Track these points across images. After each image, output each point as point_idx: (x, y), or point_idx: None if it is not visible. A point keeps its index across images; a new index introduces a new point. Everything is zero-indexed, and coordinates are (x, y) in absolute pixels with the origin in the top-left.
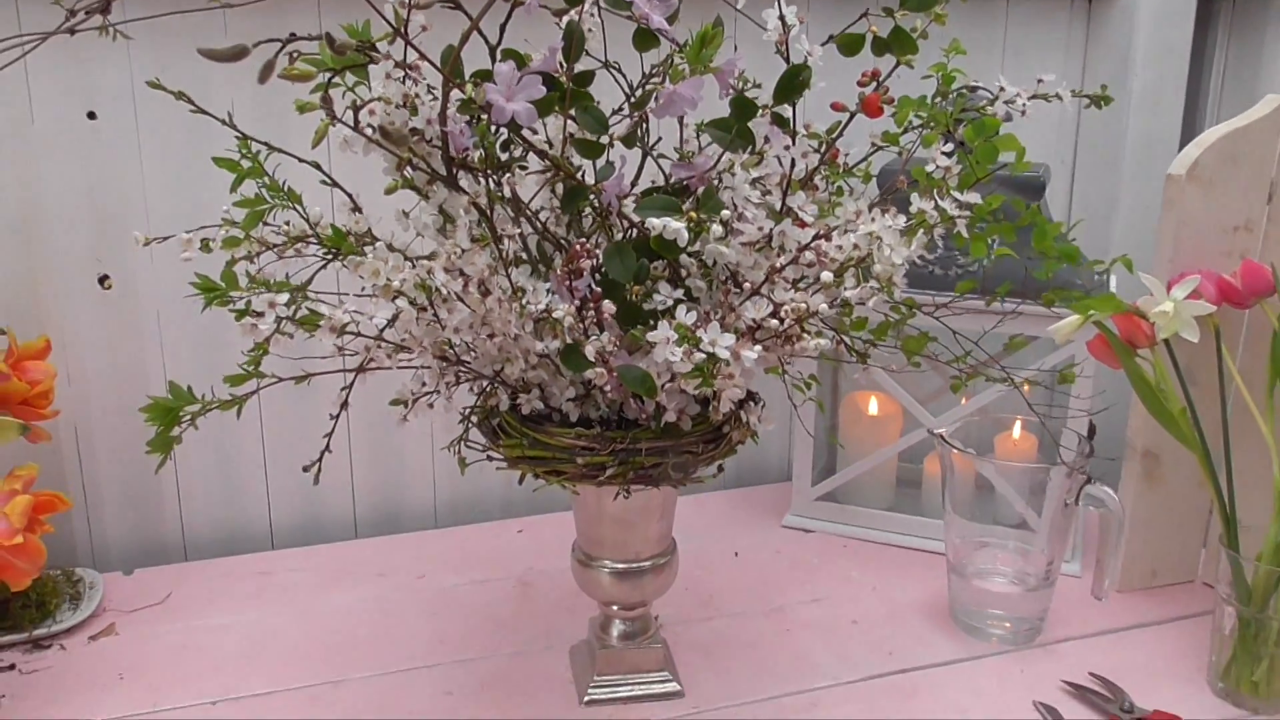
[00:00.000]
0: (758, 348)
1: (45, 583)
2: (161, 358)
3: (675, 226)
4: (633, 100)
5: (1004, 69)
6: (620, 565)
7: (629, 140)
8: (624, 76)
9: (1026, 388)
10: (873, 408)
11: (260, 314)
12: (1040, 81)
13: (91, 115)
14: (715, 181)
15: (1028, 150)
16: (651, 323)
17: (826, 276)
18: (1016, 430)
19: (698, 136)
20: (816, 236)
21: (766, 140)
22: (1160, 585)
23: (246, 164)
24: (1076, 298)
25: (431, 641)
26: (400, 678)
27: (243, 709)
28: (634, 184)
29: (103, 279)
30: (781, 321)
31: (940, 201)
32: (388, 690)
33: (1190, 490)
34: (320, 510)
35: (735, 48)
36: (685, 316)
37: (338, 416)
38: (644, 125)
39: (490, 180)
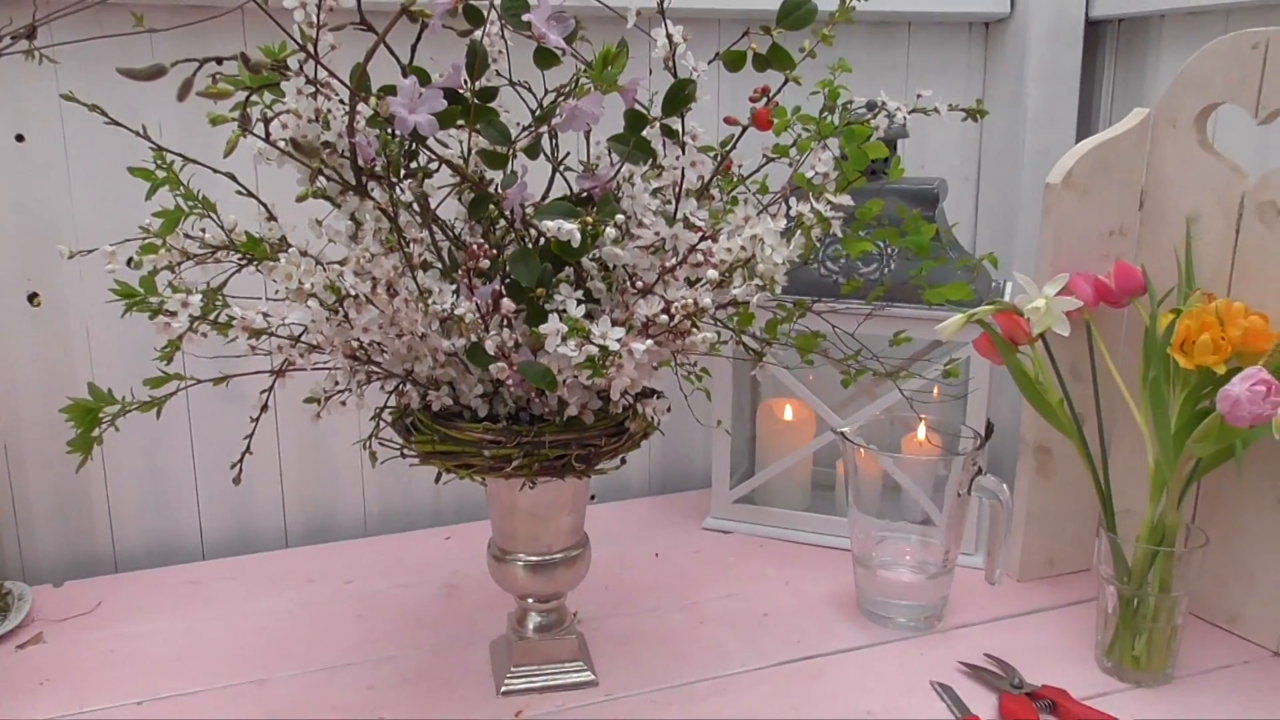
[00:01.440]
0: (649, 341)
1: None
2: (91, 372)
3: (569, 228)
4: (537, 115)
5: (907, 90)
6: (534, 558)
7: (531, 151)
8: (533, 95)
9: (936, 392)
10: (787, 414)
11: (173, 313)
12: (919, 96)
13: (19, 138)
14: (615, 190)
15: (933, 165)
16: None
17: (712, 275)
18: (921, 431)
19: (609, 153)
20: (703, 238)
21: (665, 153)
22: (1057, 574)
23: (162, 174)
24: (938, 292)
25: (356, 641)
26: (324, 675)
27: (168, 708)
28: (544, 196)
29: (32, 297)
30: (672, 318)
31: (815, 204)
32: (311, 687)
33: (1082, 482)
34: (251, 521)
35: (650, 71)
36: (576, 311)
37: (258, 419)
38: (553, 141)
39: (395, 188)
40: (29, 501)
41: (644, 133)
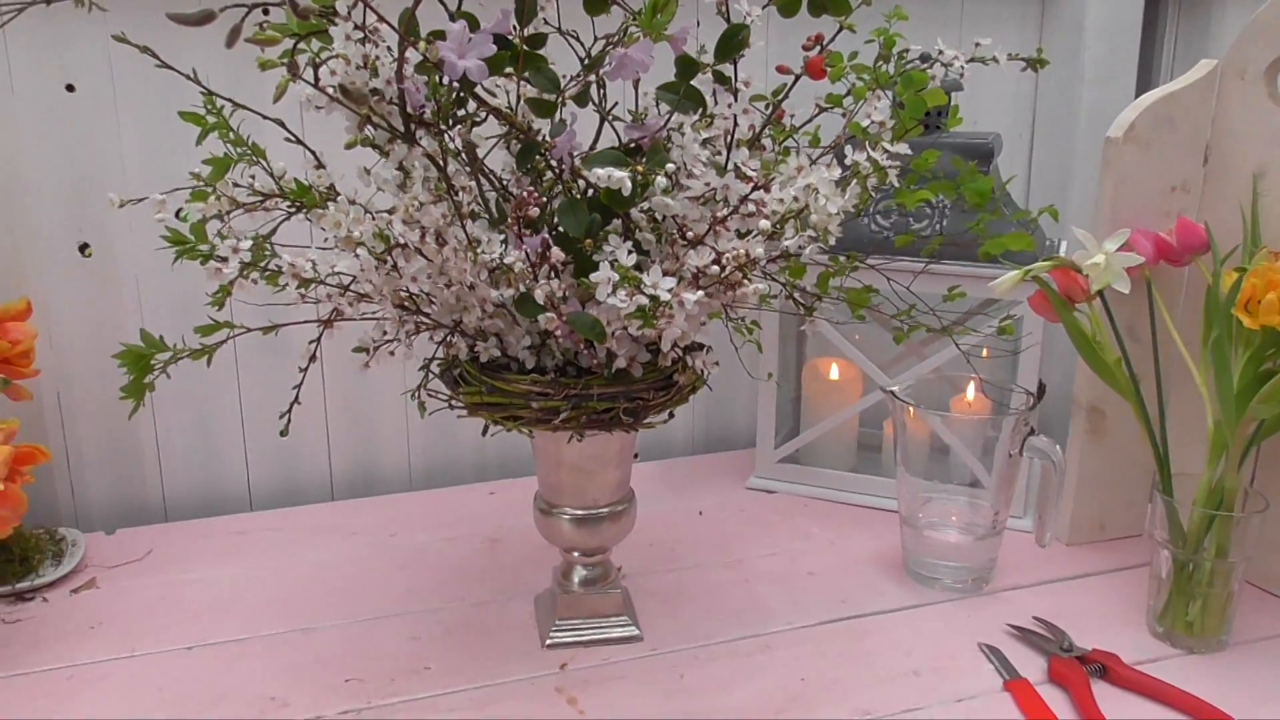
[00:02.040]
0: (700, 292)
1: (29, 540)
2: (141, 321)
3: (619, 176)
4: (585, 63)
5: (961, 43)
6: (579, 512)
7: (581, 99)
8: (581, 43)
9: (985, 354)
10: (834, 373)
11: (224, 259)
12: (977, 45)
13: (70, 88)
14: (664, 140)
15: (985, 123)
16: None
17: (764, 225)
18: (970, 392)
19: (656, 105)
20: (755, 188)
21: (716, 103)
22: (1108, 538)
23: (212, 119)
24: (997, 242)
25: (400, 593)
26: (368, 625)
27: (216, 654)
28: (593, 147)
29: (83, 247)
30: (723, 269)
31: (872, 153)
32: (356, 636)
33: (1135, 445)
34: (297, 473)
35: (698, 22)
36: (627, 259)
37: (306, 369)
38: (601, 90)
39: (444, 135)
40: (81, 451)
41: (694, 81)
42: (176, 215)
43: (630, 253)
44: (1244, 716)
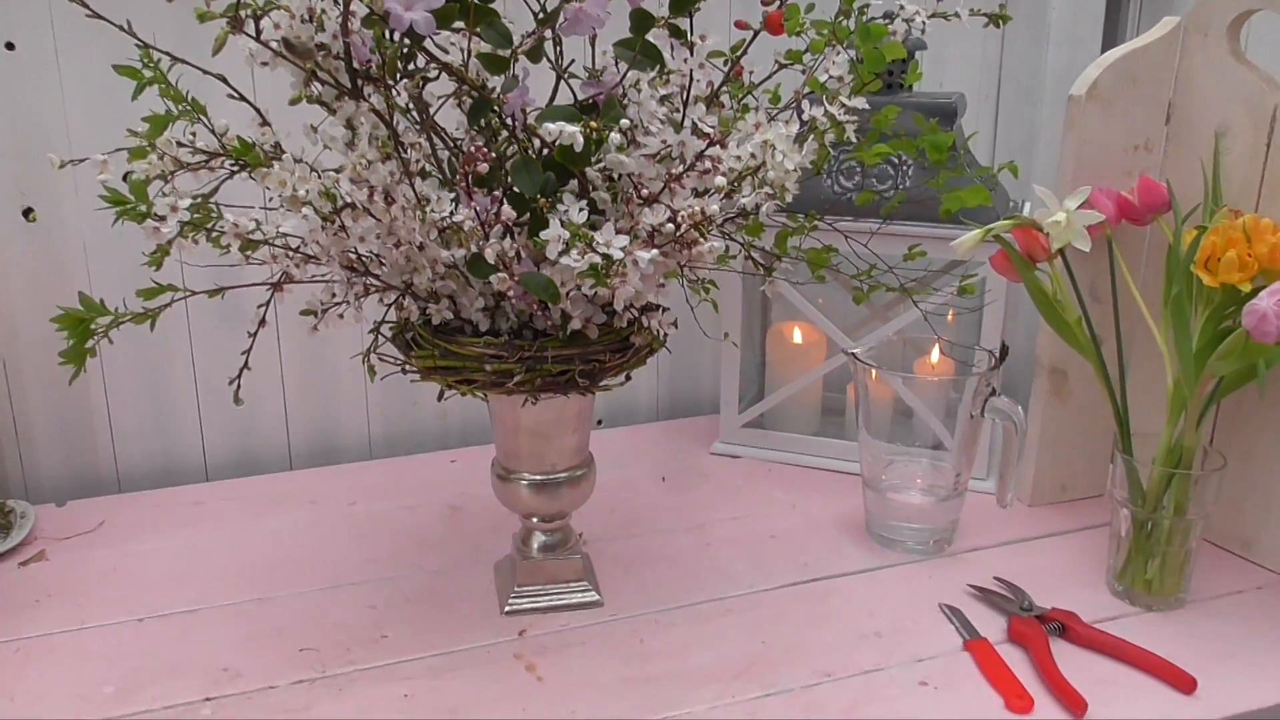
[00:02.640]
0: (654, 251)
1: None
2: (90, 287)
3: (570, 131)
4: (540, 18)
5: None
6: (538, 477)
7: (534, 55)
8: None
9: (951, 316)
10: (797, 337)
11: (162, 217)
12: (939, 1)
13: (9, 45)
14: (620, 96)
15: (951, 84)
16: None
17: (719, 181)
18: (934, 354)
19: (616, 62)
20: (711, 144)
21: (674, 59)
22: (1070, 499)
23: (149, 74)
24: (955, 196)
25: (359, 562)
26: (326, 594)
27: (169, 625)
28: (549, 105)
29: (27, 211)
30: (678, 227)
31: (829, 108)
32: (312, 605)
33: (1097, 406)
34: (254, 443)
35: None
36: (579, 217)
37: (255, 334)
38: (557, 47)
39: (391, 90)
40: (30, 420)
41: (651, 36)
42: (125, 178)
43: (583, 211)
44: (1201, 673)
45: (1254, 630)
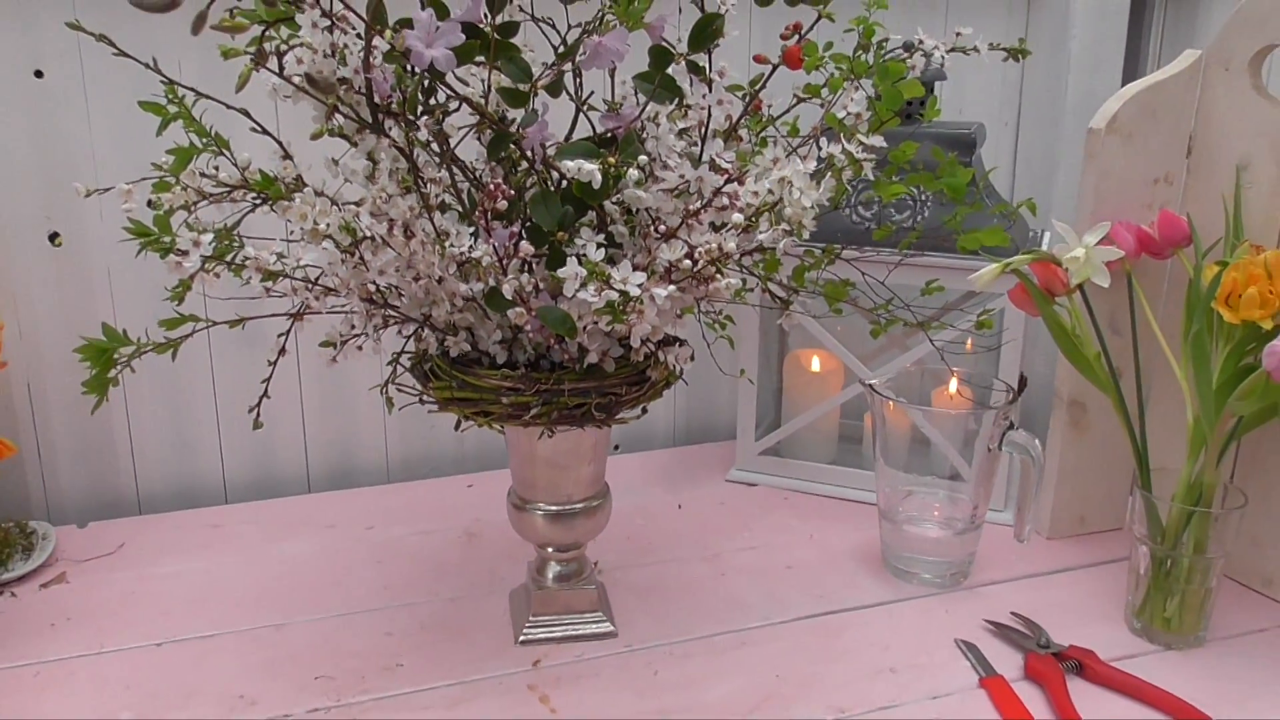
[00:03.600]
0: (671, 287)
1: None
2: (113, 312)
3: (589, 169)
4: (559, 51)
5: (945, 31)
6: (553, 508)
7: (554, 89)
8: (555, 30)
9: (969, 346)
10: (815, 365)
11: (185, 252)
12: (958, 35)
13: (38, 74)
14: (639, 130)
15: (972, 110)
16: None
17: (736, 218)
18: (953, 385)
19: (635, 95)
20: (729, 180)
21: (692, 92)
22: (1088, 532)
23: (174, 109)
24: (973, 237)
25: (375, 587)
26: (342, 621)
27: (186, 650)
28: (568, 137)
29: (53, 236)
30: (695, 263)
31: (847, 145)
32: (329, 632)
33: (1116, 439)
34: (273, 466)
35: (680, 9)
36: (595, 254)
37: (275, 362)
38: (577, 80)
39: (412, 125)
40: (53, 442)
41: (670, 70)
42: (149, 205)
43: (600, 247)
44: (1221, 714)
45: (1276, 670)
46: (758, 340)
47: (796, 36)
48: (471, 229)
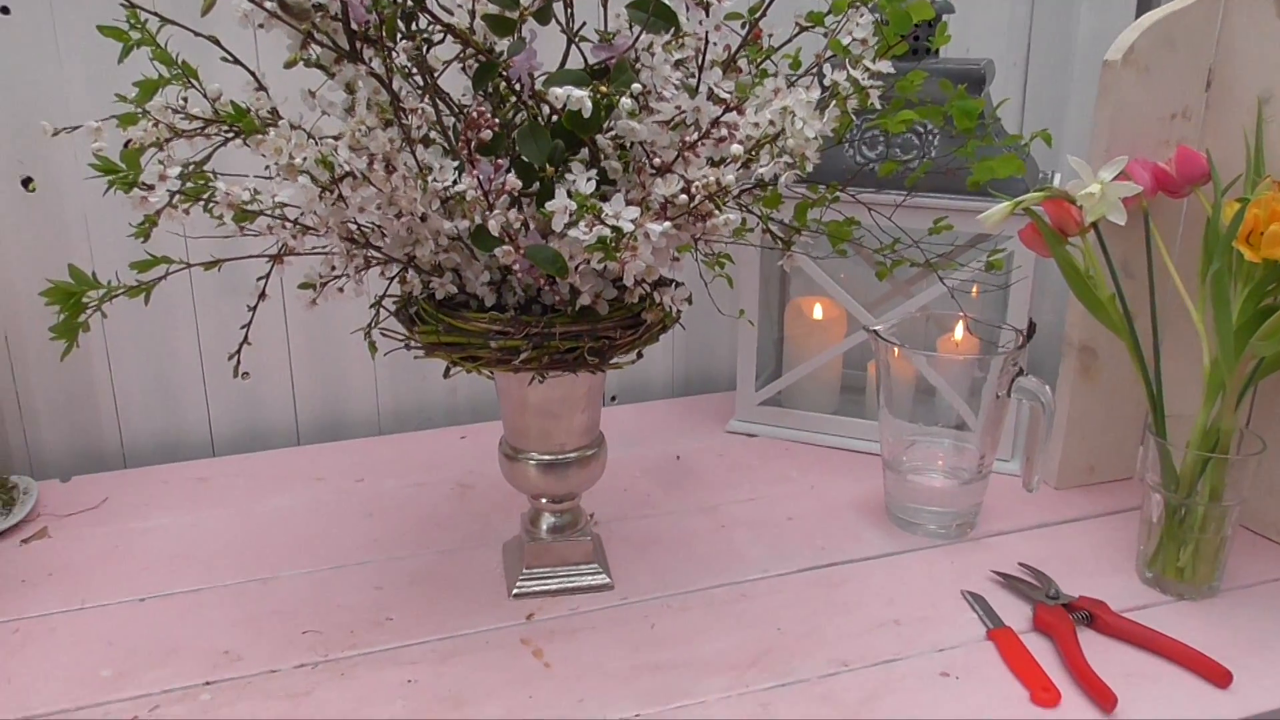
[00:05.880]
0: (667, 223)
1: None
2: (91, 259)
3: (579, 95)
4: None
5: None
6: (546, 457)
7: (542, 16)
8: None
9: (975, 292)
10: (817, 313)
11: (150, 186)
12: None
13: (4, 10)
14: (632, 60)
15: (978, 50)
16: None
17: (735, 150)
18: (958, 331)
19: (629, 26)
20: (727, 110)
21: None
22: (1098, 481)
23: (136, 35)
24: (985, 166)
25: (365, 541)
26: (330, 574)
27: (170, 606)
28: (558, 69)
29: (26, 181)
30: (692, 198)
31: (852, 72)
32: (317, 586)
33: (1127, 386)
34: (262, 418)
35: None
36: (586, 187)
37: (255, 307)
38: (568, 10)
39: (391, 52)
40: (32, 394)
41: None
42: (125, 146)
43: (591, 180)
44: (1236, 665)
45: None
46: (758, 287)
47: None
48: (456, 164)
